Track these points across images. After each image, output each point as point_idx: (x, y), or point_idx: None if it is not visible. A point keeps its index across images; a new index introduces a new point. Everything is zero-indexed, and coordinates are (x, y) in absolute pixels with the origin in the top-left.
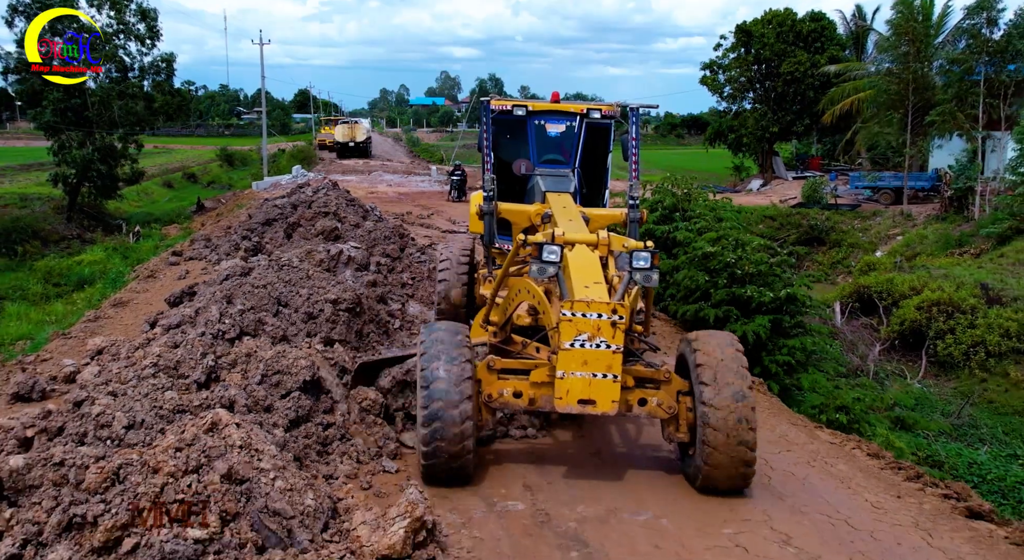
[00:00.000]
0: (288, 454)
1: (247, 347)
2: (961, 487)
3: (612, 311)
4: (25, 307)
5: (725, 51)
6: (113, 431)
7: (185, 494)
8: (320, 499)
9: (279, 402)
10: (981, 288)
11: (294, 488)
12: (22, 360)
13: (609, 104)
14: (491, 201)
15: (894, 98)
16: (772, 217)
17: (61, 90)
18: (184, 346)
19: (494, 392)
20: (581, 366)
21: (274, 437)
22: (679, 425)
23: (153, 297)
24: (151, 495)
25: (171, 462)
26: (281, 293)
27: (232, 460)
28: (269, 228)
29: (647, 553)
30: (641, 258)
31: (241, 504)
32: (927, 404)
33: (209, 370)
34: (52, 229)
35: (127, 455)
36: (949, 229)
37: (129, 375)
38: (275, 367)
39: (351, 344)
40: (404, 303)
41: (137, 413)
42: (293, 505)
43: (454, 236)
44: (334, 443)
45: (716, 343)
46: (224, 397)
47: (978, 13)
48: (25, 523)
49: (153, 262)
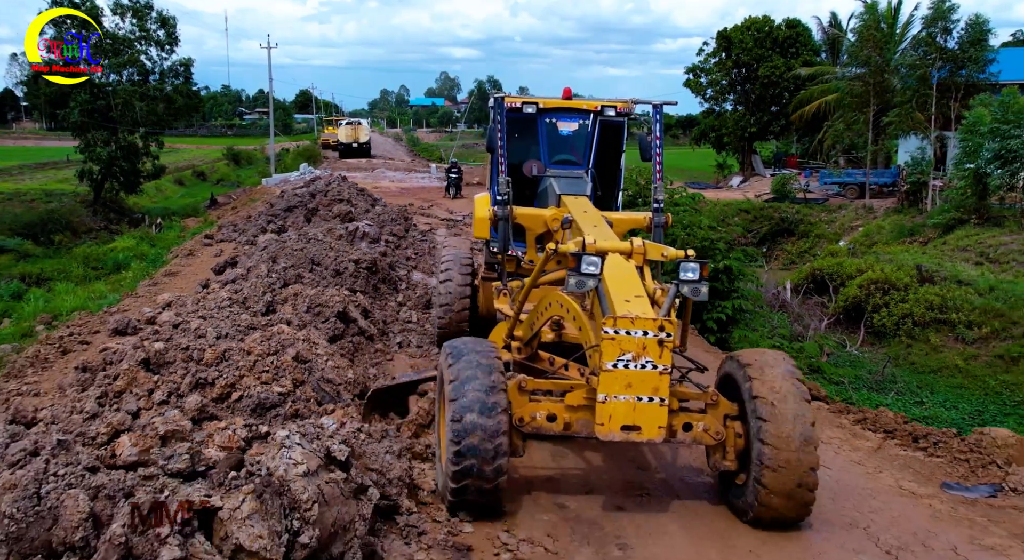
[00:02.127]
0: (333, 347)
1: (293, 290)
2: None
3: (659, 328)
4: (71, 286)
5: (707, 56)
6: (207, 340)
7: (268, 368)
8: (357, 375)
9: (321, 324)
10: (916, 269)
11: (339, 366)
12: (107, 310)
13: (624, 101)
14: (506, 205)
15: (857, 100)
16: (747, 210)
17: (88, 92)
18: (247, 288)
19: (526, 416)
20: (625, 389)
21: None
22: (726, 452)
23: (198, 269)
24: (247, 366)
25: (259, 347)
26: (313, 255)
27: (298, 347)
28: (290, 213)
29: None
30: (689, 269)
31: (305, 374)
32: (859, 365)
33: (268, 303)
34: (80, 221)
35: (229, 343)
36: (903, 220)
37: (211, 305)
38: (317, 301)
39: (368, 294)
40: (408, 271)
41: (222, 328)
42: (339, 376)
43: (450, 244)
44: (361, 350)
45: (774, 371)
46: (283, 319)
47: (934, 23)
48: (168, 383)
49: (189, 244)
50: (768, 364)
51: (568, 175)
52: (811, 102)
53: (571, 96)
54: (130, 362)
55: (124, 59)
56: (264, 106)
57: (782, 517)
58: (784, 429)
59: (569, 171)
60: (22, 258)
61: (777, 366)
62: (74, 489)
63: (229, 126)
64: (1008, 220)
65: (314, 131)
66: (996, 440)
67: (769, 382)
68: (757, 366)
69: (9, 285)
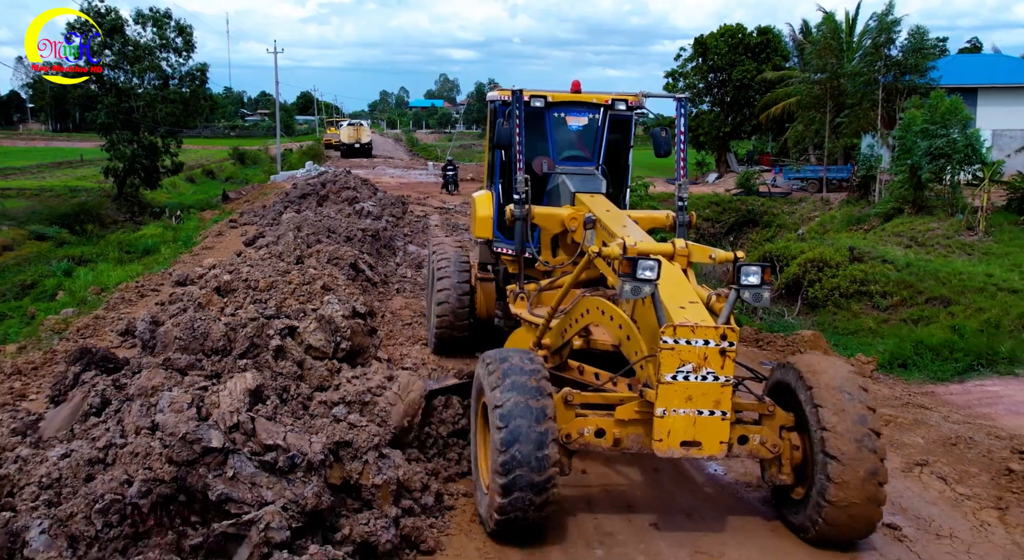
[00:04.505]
0: (349, 282)
1: (316, 249)
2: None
3: (721, 337)
4: (109, 266)
5: (684, 61)
6: (259, 275)
7: (304, 293)
8: (366, 300)
9: (338, 271)
10: (849, 250)
11: (353, 293)
12: (164, 271)
13: (634, 94)
14: (523, 205)
15: (815, 102)
16: (717, 203)
17: (114, 96)
18: (280, 247)
19: (573, 432)
20: (685, 403)
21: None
22: (782, 466)
23: (229, 244)
24: (289, 291)
25: (296, 279)
26: (329, 226)
27: (324, 280)
28: (304, 199)
29: None
30: (751, 273)
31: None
32: (791, 328)
33: (298, 256)
34: (106, 213)
35: (276, 277)
36: (853, 211)
37: (254, 259)
38: (335, 256)
39: (373, 255)
40: (405, 244)
41: (266, 272)
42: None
43: (442, 242)
44: (368, 291)
45: (835, 377)
46: (311, 266)
47: (879, 34)
48: (233, 303)
49: (216, 226)
50: (827, 370)
51: (580, 172)
52: (776, 104)
53: (580, 89)
54: (206, 288)
55: (145, 65)
56: (265, 108)
57: (847, 535)
58: (850, 440)
59: (580, 168)
60: (61, 245)
61: (837, 371)
62: (215, 322)
63: (232, 128)
64: (937, 209)
65: (315, 132)
66: (804, 337)
67: (830, 389)
68: (817, 373)
69: (60, 264)
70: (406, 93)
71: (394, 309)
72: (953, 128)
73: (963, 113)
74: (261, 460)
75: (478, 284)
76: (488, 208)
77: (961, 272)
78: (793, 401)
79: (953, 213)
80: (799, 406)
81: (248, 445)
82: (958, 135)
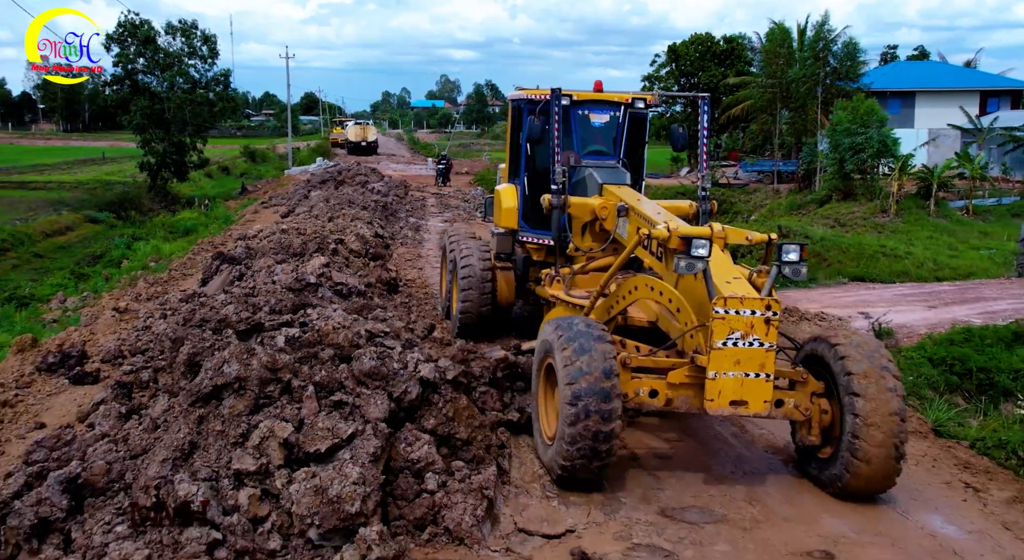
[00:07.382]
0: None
1: (342, 213)
2: None
3: (766, 307)
4: (159, 242)
5: (658, 67)
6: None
7: (333, 242)
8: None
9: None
10: (778, 228)
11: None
12: (226, 231)
13: (652, 93)
14: (560, 194)
15: (767, 104)
16: (683, 193)
17: (148, 98)
18: (316, 210)
19: (630, 391)
20: (734, 366)
21: None
22: (811, 428)
23: (265, 220)
24: (318, 242)
25: (328, 229)
26: (348, 198)
27: (353, 232)
28: (324, 184)
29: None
30: (791, 251)
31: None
32: None
33: (329, 217)
34: (144, 202)
35: (311, 233)
36: (797, 199)
37: (300, 217)
38: (356, 217)
39: (383, 220)
40: (407, 216)
41: (307, 228)
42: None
43: (464, 238)
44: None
45: (865, 350)
46: (339, 223)
47: (816, 42)
48: (266, 256)
49: (250, 208)
50: (859, 343)
51: (604, 165)
52: (736, 106)
53: (602, 89)
54: (274, 235)
55: (175, 71)
56: (269, 108)
57: (872, 488)
58: (879, 403)
59: (603, 161)
60: (112, 227)
61: (868, 344)
62: (295, 236)
63: (239, 128)
64: (860, 196)
65: (320, 131)
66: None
67: (863, 359)
68: (849, 346)
69: (121, 240)
70: (407, 94)
71: (398, 253)
72: (871, 127)
73: (879, 114)
74: (334, 289)
75: (498, 272)
76: (513, 200)
77: (861, 243)
78: (825, 371)
79: (872, 199)
80: (830, 374)
81: (327, 282)
82: (874, 133)
